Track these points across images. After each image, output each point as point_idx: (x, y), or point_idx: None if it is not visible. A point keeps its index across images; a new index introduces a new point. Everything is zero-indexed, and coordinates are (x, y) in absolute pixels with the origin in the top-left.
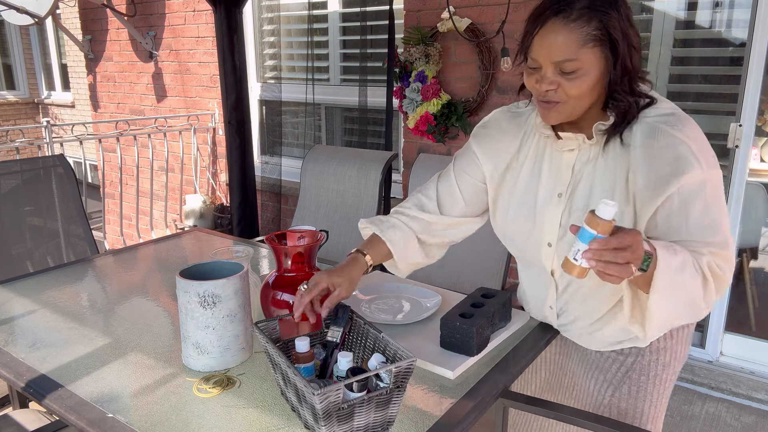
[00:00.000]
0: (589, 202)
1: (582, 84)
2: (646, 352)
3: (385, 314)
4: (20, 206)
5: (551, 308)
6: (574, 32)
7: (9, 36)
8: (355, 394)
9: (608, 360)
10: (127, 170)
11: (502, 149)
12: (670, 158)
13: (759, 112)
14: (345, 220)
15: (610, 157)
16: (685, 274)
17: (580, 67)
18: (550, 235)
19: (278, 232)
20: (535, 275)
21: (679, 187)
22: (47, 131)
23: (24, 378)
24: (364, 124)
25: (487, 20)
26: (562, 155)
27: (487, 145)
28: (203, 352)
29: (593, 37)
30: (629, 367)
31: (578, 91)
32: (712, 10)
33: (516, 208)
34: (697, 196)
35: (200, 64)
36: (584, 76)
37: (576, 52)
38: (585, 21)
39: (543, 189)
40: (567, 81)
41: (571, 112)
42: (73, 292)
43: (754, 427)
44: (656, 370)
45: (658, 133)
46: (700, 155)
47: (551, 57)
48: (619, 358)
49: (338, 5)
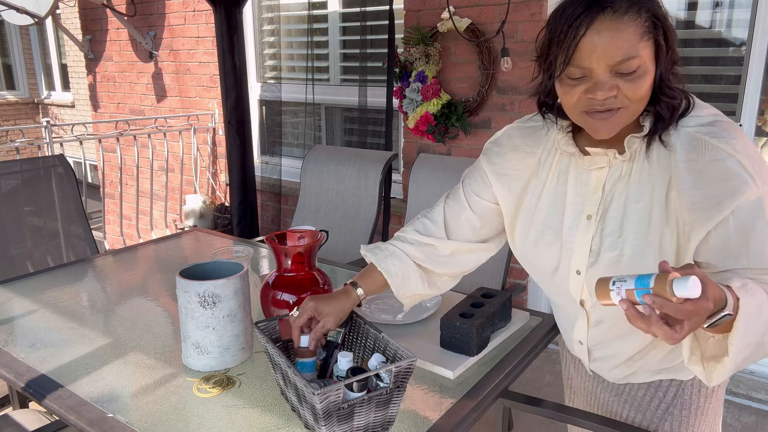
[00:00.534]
0: (623, 223)
1: (643, 84)
2: (687, 385)
3: (385, 314)
4: (20, 206)
5: (581, 343)
6: (630, 26)
7: (9, 36)
8: (355, 394)
9: (645, 397)
10: (127, 170)
11: (516, 169)
12: (718, 175)
13: (759, 112)
14: (345, 220)
15: (645, 173)
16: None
17: (640, 65)
18: (579, 262)
19: (278, 232)
20: (561, 306)
21: (734, 209)
22: (47, 131)
23: (24, 378)
24: (364, 124)
25: (487, 20)
26: (590, 173)
27: (498, 164)
28: (203, 352)
29: (647, 29)
30: (669, 402)
31: (641, 93)
32: (712, 10)
33: (538, 232)
34: (757, 217)
35: (200, 64)
36: (644, 74)
37: (636, 48)
38: (635, 12)
39: (569, 211)
40: (627, 83)
41: (631, 118)
42: (73, 292)
43: (754, 427)
44: (698, 401)
45: (701, 146)
46: (753, 170)
47: (608, 59)
48: (658, 393)
49: (338, 5)
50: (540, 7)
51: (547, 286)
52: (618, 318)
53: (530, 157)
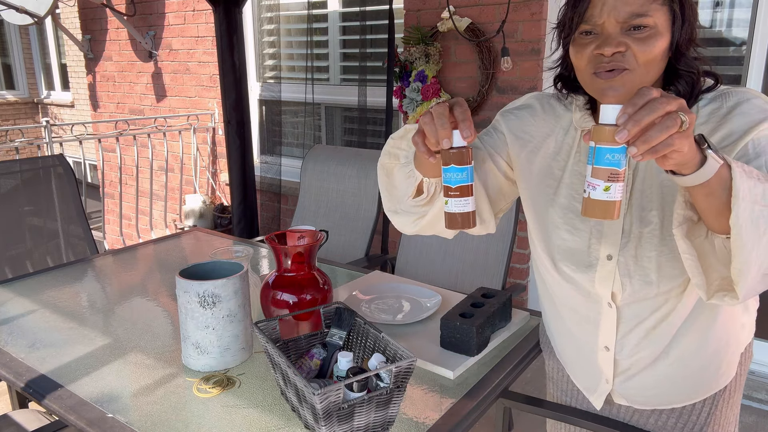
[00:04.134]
0: (654, 195)
1: (654, 47)
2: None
3: (385, 314)
4: (20, 206)
5: (607, 349)
6: None
7: (8, 36)
8: (355, 394)
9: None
10: (127, 170)
11: (533, 134)
12: (741, 112)
13: None
14: (345, 220)
15: None
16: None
17: (651, 25)
18: (610, 245)
19: (278, 232)
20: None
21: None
22: (47, 131)
23: (24, 378)
24: (364, 123)
25: (487, 20)
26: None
27: (516, 125)
28: (203, 352)
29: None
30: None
31: (650, 56)
32: (713, 10)
33: (562, 217)
34: None
35: (200, 63)
36: (656, 36)
37: (648, 7)
38: None
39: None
40: (637, 42)
41: (636, 84)
42: (72, 292)
43: (754, 427)
44: (729, 413)
45: (723, 97)
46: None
47: (618, 13)
48: (692, 417)
49: (338, 5)
50: (540, 7)
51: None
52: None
53: (545, 127)
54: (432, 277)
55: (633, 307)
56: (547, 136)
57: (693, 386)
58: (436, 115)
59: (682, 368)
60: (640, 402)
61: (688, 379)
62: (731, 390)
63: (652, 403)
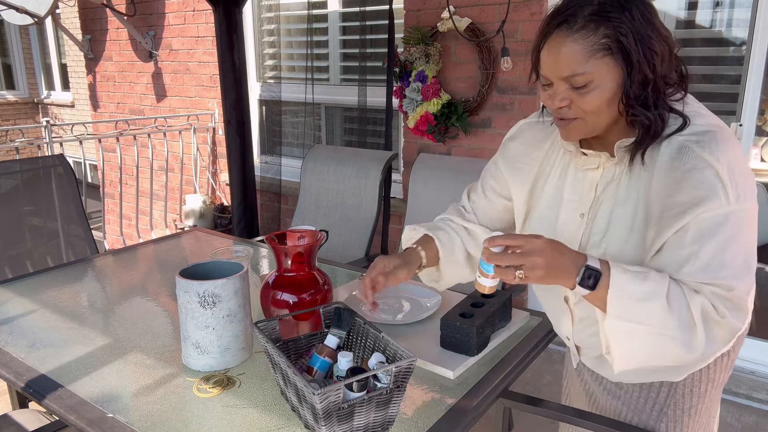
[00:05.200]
0: (609, 223)
1: (596, 98)
2: (679, 386)
3: (385, 314)
4: (20, 206)
5: (568, 339)
6: (579, 43)
7: (9, 36)
8: (355, 394)
9: (640, 398)
10: (127, 170)
11: (526, 163)
12: (692, 183)
13: (759, 111)
14: (345, 220)
15: (635, 176)
16: (651, 305)
17: (591, 80)
18: None
19: (278, 232)
20: (550, 302)
21: (696, 217)
22: (47, 131)
23: (24, 378)
24: (363, 123)
25: (487, 20)
26: (586, 173)
27: (511, 158)
28: (203, 352)
29: (602, 46)
30: (663, 403)
31: (593, 106)
32: (713, 10)
33: (537, 225)
34: (717, 232)
35: (200, 63)
36: (597, 89)
37: (583, 65)
38: (591, 30)
39: (566, 207)
40: (579, 96)
41: (592, 128)
42: (72, 292)
43: (754, 427)
44: (691, 401)
45: (685, 153)
46: (730, 184)
47: (558, 72)
48: (651, 395)
49: (338, 5)
50: (540, 7)
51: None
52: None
53: (538, 150)
54: None
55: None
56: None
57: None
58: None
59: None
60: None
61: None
62: (695, 379)
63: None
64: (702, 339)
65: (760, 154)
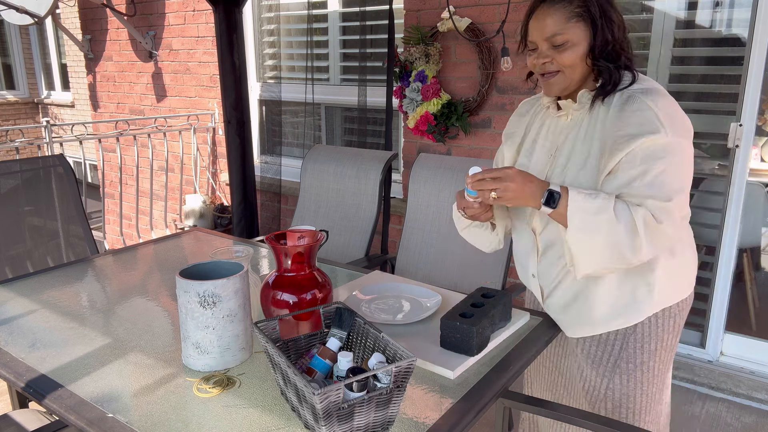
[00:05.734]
0: (569, 157)
1: (572, 54)
2: (630, 339)
3: (385, 314)
4: (20, 206)
5: (534, 277)
6: (559, 11)
7: (9, 36)
8: (355, 394)
9: (598, 351)
10: (127, 170)
11: (517, 127)
12: (637, 120)
13: (759, 111)
14: (345, 220)
15: (593, 120)
16: (602, 217)
17: (568, 40)
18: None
19: (278, 232)
20: (521, 237)
21: (641, 145)
22: (47, 131)
23: (24, 378)
24: (364, 123)
25: (487, 20)
26: (558, 122)
27: (508, 128)
28: (203, 352)
29: (576, 14)
30: (617, 356)
31: (570, 60)
32: (712, 10)
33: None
34: (660, 158)
35: (200, 63)
36: (573, 47)
37: (562, 26)
38: (568, 2)
39: (538, 151)
40: (559, 53)
41: (569, 81)
42: (73, 292)
43: (754, 427)
44: (642, 357)
45: (632, 99)
46: (667, 122)
47: (543, 34)
48: (607, 348)
49: (338, 5)
50: None
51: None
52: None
53: (525, 116)
54: (432, 277)
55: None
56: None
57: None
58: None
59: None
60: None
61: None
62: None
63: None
64: (644, 242)
65: (759, 154)
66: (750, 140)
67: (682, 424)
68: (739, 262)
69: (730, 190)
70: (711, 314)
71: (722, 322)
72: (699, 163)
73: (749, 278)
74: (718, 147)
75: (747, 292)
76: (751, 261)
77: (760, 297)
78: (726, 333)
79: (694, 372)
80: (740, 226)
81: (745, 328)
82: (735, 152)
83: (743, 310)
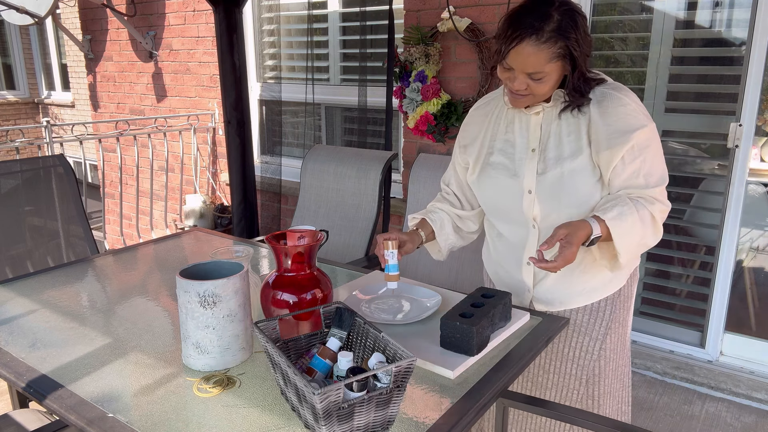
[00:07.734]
0: (560, 151)
1: (546, 85)
2: (617, 300)
3: (385, 314)
4: (20, 206)
5: (529, 264)
6: (543, 51)
7: (9, 36)
8: (355, 394)
9: (590, 321)
10: (127, 170)
11: (473, 135)
12: (622, 114)
13: (759, 111)
14: (345, 220)
15: (573, 115)
16: (634, 229)
17: (544, 75)
18: (529, 183)
19: (278, 231)
20: (512, 232)
21: (636, 138)
22: (47, 131)
23: (24, 378)
24: (363, 123)
25: (487, 20)
26: (530, 118)
27: (462, 139)
28: (203, 352)
29: (557, 55)
30: (608, 320)
31: (543, 91)
32: (712, 10)
33: (497, 169)
34: (649, 147)
35: (200, 63)
36: (548, 80)
37: (543, 66)
38: (552, 42)
39: (518, 147)
40: (535, 83)
41: (539, 101)
42: (73, 292)
43: (754, 427)
44: (622, 314)
45: (608, 97)
46: (644, 113)
47: (524, 69)
48: (599, 315)
49: (338, 5)
50: None
51: (506, 213)
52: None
53: (483, 117)
54: (432, 277)
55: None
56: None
57: (592, 287)
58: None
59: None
60: (555, 304)
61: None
62: (625, 295)
63: (563, 303)
64: (660, 227)
65: (759, 154)
66: (750, 140)
67: (682, 424)
68: (738, 262)
69: (730, 190)
70: (711, 314)
71: (722, 322)
72: (699, 163)
73: (749, 278)
74: (718, 147)
75: (747, 293)
76: (751, 261)
77: (759, 297)
78: (726, 333)
79: (693, 372)
80: (740, 226)
81: (744, 328)
82: (735, 152)
83: (743, 310)
